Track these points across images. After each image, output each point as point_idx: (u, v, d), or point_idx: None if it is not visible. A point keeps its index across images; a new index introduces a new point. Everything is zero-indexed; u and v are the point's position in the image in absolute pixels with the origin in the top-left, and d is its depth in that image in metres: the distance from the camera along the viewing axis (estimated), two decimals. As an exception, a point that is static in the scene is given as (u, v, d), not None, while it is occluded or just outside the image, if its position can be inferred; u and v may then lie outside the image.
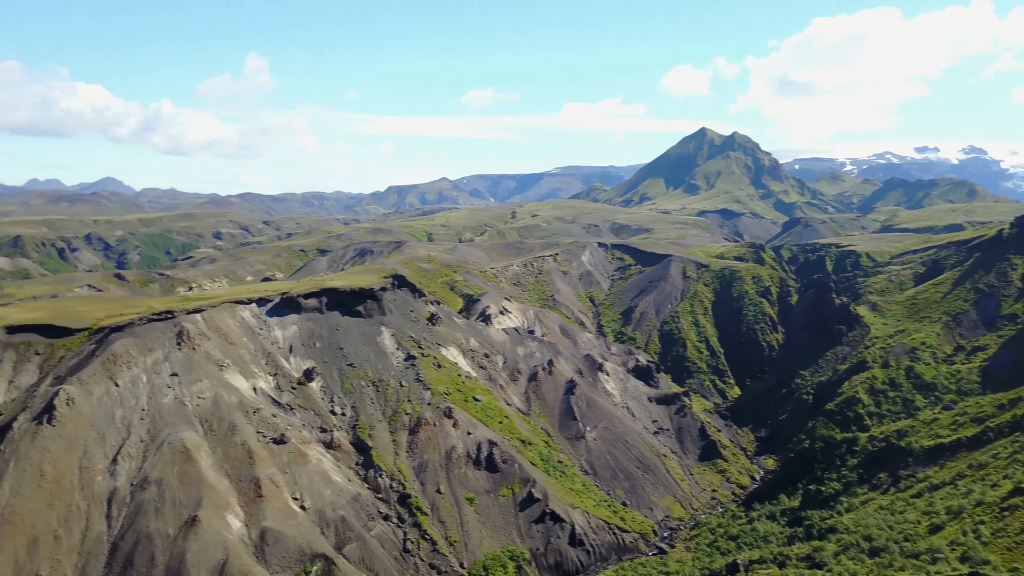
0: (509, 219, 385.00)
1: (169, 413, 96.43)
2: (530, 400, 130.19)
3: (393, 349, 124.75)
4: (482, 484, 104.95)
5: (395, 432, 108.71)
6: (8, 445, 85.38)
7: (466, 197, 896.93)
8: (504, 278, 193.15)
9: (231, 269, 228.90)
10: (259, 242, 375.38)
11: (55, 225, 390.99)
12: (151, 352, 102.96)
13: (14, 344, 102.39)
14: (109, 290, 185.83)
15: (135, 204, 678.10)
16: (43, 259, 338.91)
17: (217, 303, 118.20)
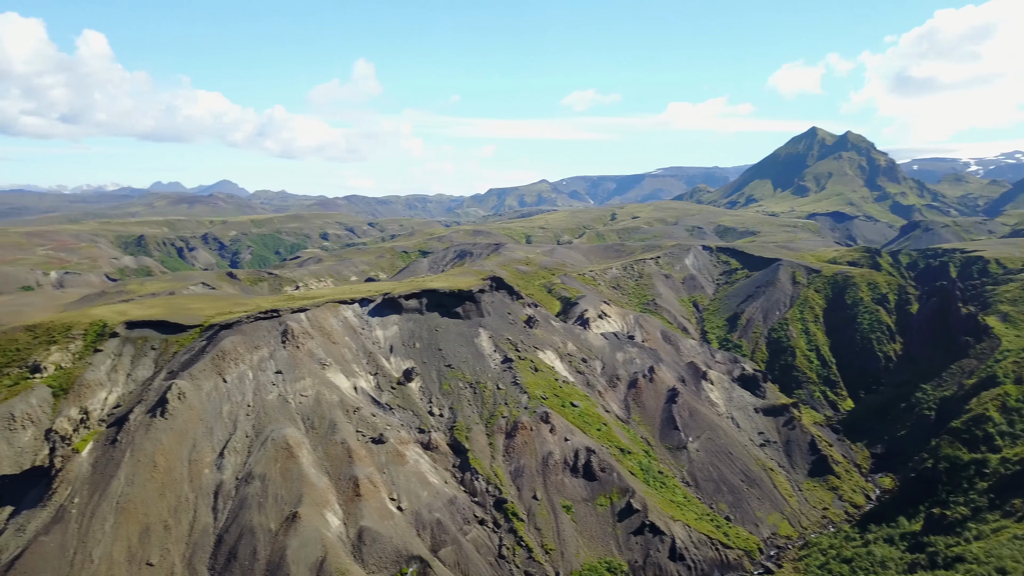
0: (609, 221, 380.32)
1: (273, 410, 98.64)
2: (629, 408, 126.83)
3: (491, 351, 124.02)
4: (579, 492, 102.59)
5: (492, 435, 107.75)
6: (125, 436, 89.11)
7: (565, 199, 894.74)
8: (603, 281, 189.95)
9: (336, 269, 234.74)
10: (364, 243, 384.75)
11: (175, 225, 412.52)
12: (257, 350, 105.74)
13: (132, 339, 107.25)
14: (222, 288, 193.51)
15: (248, 206, 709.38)
16: (164, 257, 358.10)
17: (321, 303, 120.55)
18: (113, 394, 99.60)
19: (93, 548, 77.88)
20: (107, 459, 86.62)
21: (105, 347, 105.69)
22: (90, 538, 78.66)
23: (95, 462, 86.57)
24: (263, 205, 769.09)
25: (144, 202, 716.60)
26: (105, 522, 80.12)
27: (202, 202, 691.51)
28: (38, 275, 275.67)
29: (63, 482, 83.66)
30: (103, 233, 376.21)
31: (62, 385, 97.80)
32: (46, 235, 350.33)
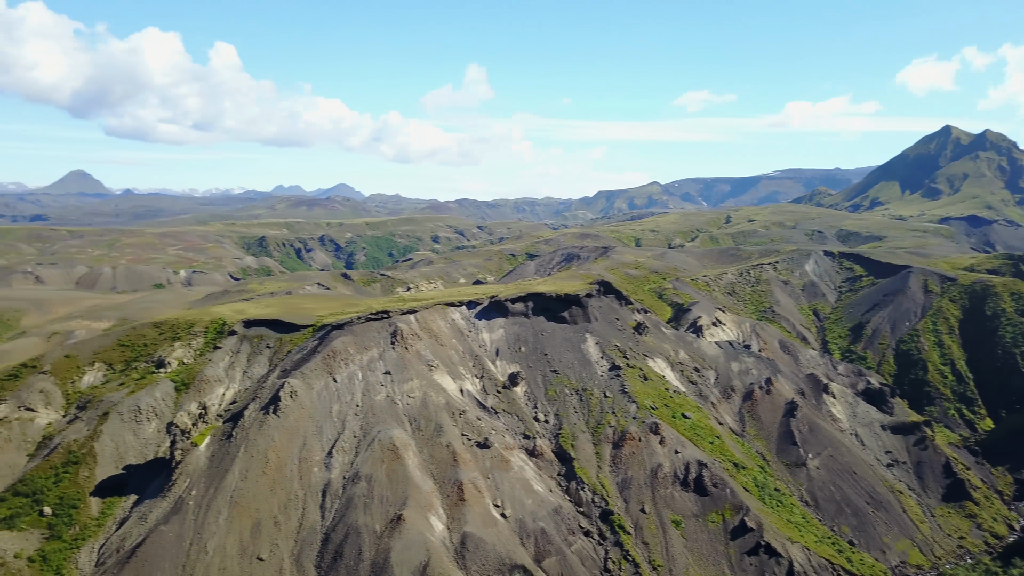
0: (723, 224, 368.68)
1: (381, 410, 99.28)
2: (744, 420, 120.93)
3: (598, 358, 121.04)
4: (689, 507, 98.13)
5: (598, 444, 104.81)
6: (240, 431, 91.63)
7: (676, 201, 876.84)
8: (717, 287, 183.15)
9: (446, 271, 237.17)
10: (473, 246, 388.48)
11: (295, 227, 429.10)
12: (367, 350, 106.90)
13: (249, 337, 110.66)
14: (336, 288, 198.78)
15: (364, 209, 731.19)
16: (283, 258, 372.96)
17: (429, 305, 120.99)
18: (230, 390, 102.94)
19: (208, 540, 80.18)
20: (223, 454, 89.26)
21: (224, 344, 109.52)
22: (205, 530, 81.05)
23: (212, 456, 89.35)
24: (378, 208, 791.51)
25: (266, 205, 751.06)
26: (219, 515, 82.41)
27: (320, 205, 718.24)
28: (169, 273, 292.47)
29: (182, 474, 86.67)
30: (228, 234, 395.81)
31: (184, 380, 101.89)
32: (177, 236, 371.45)
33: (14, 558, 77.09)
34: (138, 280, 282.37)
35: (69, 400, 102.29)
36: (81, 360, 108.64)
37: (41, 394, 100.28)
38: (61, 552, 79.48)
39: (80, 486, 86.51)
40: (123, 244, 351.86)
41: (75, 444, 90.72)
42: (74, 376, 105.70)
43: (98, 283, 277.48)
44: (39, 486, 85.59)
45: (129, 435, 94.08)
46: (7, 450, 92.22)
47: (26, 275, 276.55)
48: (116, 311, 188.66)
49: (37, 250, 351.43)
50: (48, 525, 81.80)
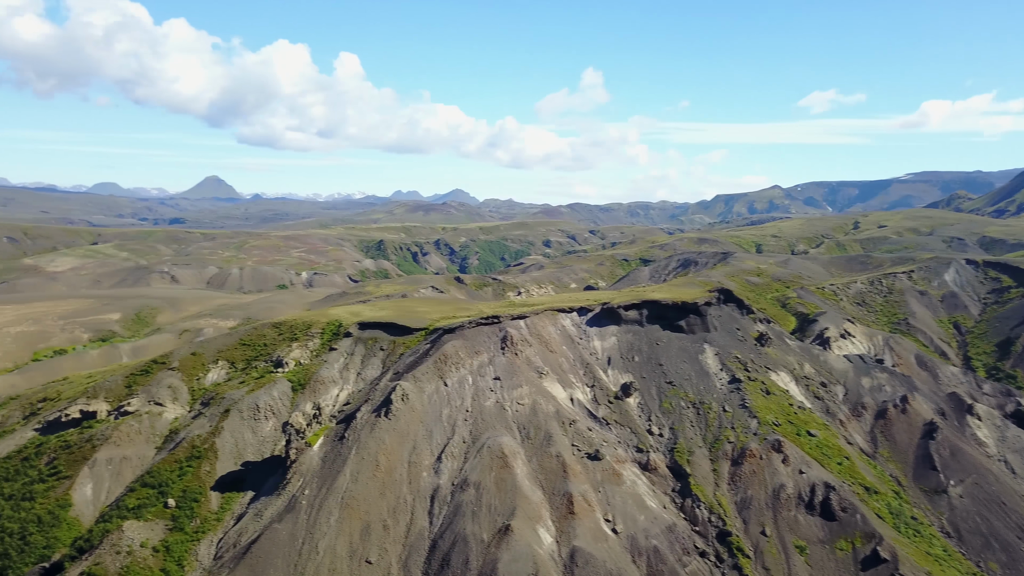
0: (851, 230, 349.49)
1: (490, 416, 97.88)
2: (876, 441, 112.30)
3: (716, 369, 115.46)
4: (815, 532, 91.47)
5: (716, 461, 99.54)
6: (352, 433, 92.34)
7: (799, 206, 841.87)
8: (845, 296, 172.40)
9: (556, 276, 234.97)
10: (584, 250, 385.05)
11: (412, 231, 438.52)
12: (477, 355, 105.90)
13: (364, 339, 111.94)
14: (449, 291, 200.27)
15: (478, 213, 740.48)
16: (400, 261, 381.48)
17: (540, 310, 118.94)
18: (344, 391, 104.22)
19: (319, 540, 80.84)
20: (335, 455, 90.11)
21: (339, 346, 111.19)
22: (317, 530, 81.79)
23: (324, 456, 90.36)
24: (491, 213, 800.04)
25: (385, 209, 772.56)
26: (331, 516, 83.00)
27: (436, 210, 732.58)
28: (292, 275, 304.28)
29: (296, 473, 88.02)
30: (348, 238, 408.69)
31: (300, 380, 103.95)
32: (300, 239, 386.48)
33: (140, 547, 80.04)
34: (263, 281, 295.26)
35: (194, 396, 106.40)
36: (206, 358, 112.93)
37: (169, 389, 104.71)
38: (182, 544, 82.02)
39: (202, 480, 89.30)
40: (251, 246, 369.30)
41: (198, 439, 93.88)
42: (199, 373, 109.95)
43: (227, 283, 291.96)
44: (164, 478, 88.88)
45: (248, 432, 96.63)
46: (137, 442, 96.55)
47: (163, 275, 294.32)
48: (241, 310, 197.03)
49: (174, 251, 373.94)
50: (172, 517, 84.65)
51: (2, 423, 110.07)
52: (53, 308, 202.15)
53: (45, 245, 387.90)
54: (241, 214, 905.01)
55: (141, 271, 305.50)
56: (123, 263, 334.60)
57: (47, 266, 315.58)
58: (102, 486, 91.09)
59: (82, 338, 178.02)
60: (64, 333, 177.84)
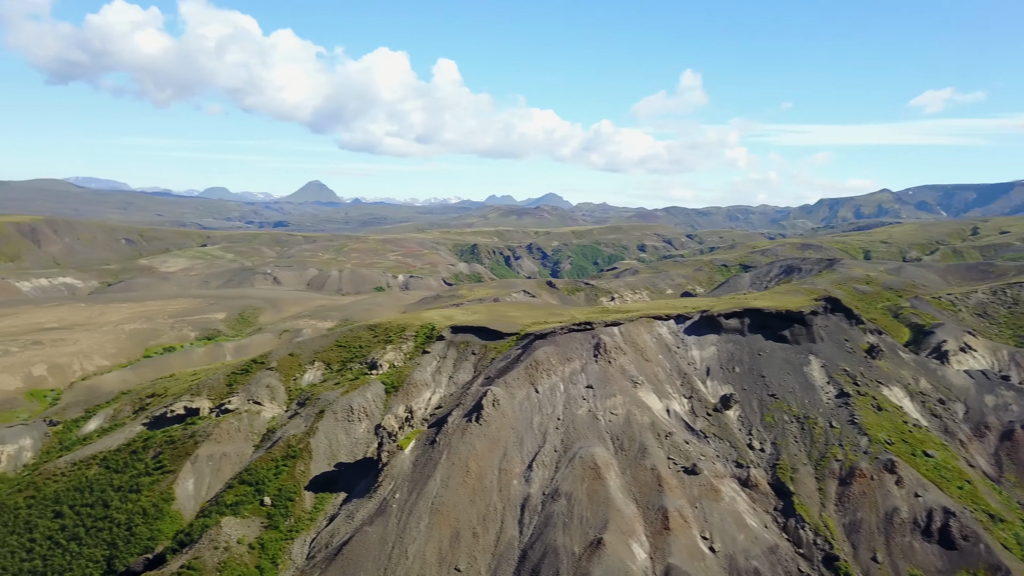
0: (968, 236, 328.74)
1: (582, 425, 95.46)
2: (1002, 464, 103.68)
3: (823, 383, 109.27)
4: (932, 561, 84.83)
5: (822, 480, 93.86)
6: (443, 438, 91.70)
7: (910, 210, 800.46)
8: (965, 307, 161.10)
9: (652, 281, 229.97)
10: (681, 255, 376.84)
11: (504, 235, 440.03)
12: (569, 362, 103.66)
13: (456, 343, 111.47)
14: (541, 296, 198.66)
15: (571, 217, 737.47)
16: (493, 265, 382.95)
17: (635, 317, 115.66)
18: (436, 395, 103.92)
19: (409, 545, 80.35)
20: (426, 459, 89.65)
21: (432, 349, 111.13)
22: (407, 535, 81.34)
23: (415, 460, 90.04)
24: (584, 217, 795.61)
25: (479, 214, 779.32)
26: (421, 521, 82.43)
27: (529, 214, 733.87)
28: (388, 278, 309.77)
29: (387, 476, 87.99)
30: (443, 241, 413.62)
31: (393, 383, 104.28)
32: (397, 242, 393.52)
33: (237, 543, 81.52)
34: (361, 283, 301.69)
35: (291, 396, 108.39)
36: (303, 359, 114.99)
37: (267, 389, 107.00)
38: (277, 542, 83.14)
39: (296, 480, 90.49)
40: (349, 249, 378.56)
41: (293, 439, 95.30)
42: (296, 373, 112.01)
43: (326, 285, 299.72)
44: (261, 476, 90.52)
45: (341, 434, 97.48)
46: (236, 439, 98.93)
47: (266, 276, 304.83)
48: (339, 312, 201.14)
49: (277, 253, 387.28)
50: (267, 515, 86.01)
51: (115, 416, 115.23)
52: (164, 307, 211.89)
53: (159, 246, 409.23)
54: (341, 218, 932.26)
55: (246, 272, 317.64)
56: (229, 264, 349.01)
57: (160, 266, 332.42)
58: (203, 481, 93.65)
59: (190, 336, 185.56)
60: (173, 331, 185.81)
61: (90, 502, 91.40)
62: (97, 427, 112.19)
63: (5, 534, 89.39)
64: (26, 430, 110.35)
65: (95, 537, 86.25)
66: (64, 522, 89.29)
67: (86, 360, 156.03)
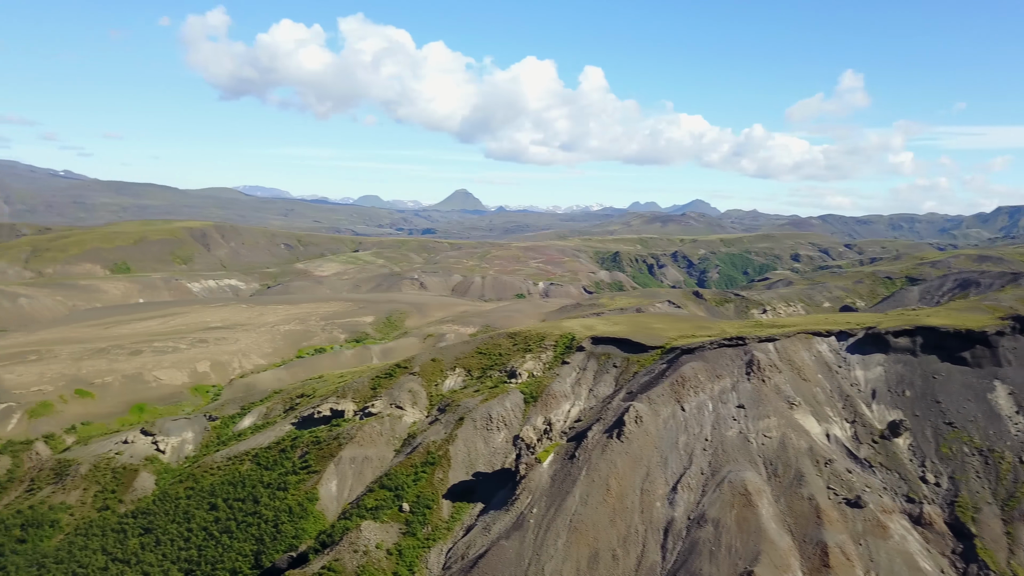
0: None
1: (732, 448, 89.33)
2: None
3: (1011, 412, 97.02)
4: None
5: (1011, 523, 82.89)
6: (582, 453, 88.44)
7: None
8: None
9: (807, 294, 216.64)
10: (839, 266, 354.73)
11: (648, 243, 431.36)
12: (719, 379, 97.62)
13: (597, 355, 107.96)
14: (687, 307, 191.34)
15: (718, 225, 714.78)
16: (635, 273, 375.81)
17: (791, 332, 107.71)
18: (575, 408, 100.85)
19: (546, 563, 77.60)
20: (564, 474, 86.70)
21: (572, 360, 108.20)
22: (544, 552, 78.65)
23: (554, 475, 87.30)
24: (733, 224, 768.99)
25: (622, 221, 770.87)
26: (558, 538, 79.52)
27: (674, 221, 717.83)
28: (529, 284, 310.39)
29: (525, 490, 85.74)
30: (584, 249, 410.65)
31: (532, 393, 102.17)
32: (539, 250, 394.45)
33: (375, 548, 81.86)
34: (502, 289, 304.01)
35: (432, 401, 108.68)
36: (445, 365, 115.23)
37: (409, 394, 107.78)
38: (414, 549, 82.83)
39: (434, 487, 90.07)
40: (493, 256, 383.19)
41: (433, 445, 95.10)
42: (438, 379, 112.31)
43: (469, 291, 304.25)
44: (401, 482, 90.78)
45: (480, 442, 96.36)
46: (379, 443, 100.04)
47: (413, 281, 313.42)
48: (481, 318, 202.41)
49: (424, 259, 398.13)
50: (405, 521, 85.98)
51: (267, 414, 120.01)
52: (317, 309, 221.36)
53: (314, 252, 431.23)
54: (486, 225, 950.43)
55: (394, 277, 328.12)
56: (379, 269, 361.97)
57: (315, 270, 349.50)
58: (345, 483, 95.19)
59: (340, 338, 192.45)
60: (325, 333, 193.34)
61: (242, 497, 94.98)
62: (251, 424, 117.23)
63: (167, 522, 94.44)
64: (188, 424, 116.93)
65: (245, 531, 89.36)
66: (218, 514, 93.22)
67: (245, 358, 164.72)
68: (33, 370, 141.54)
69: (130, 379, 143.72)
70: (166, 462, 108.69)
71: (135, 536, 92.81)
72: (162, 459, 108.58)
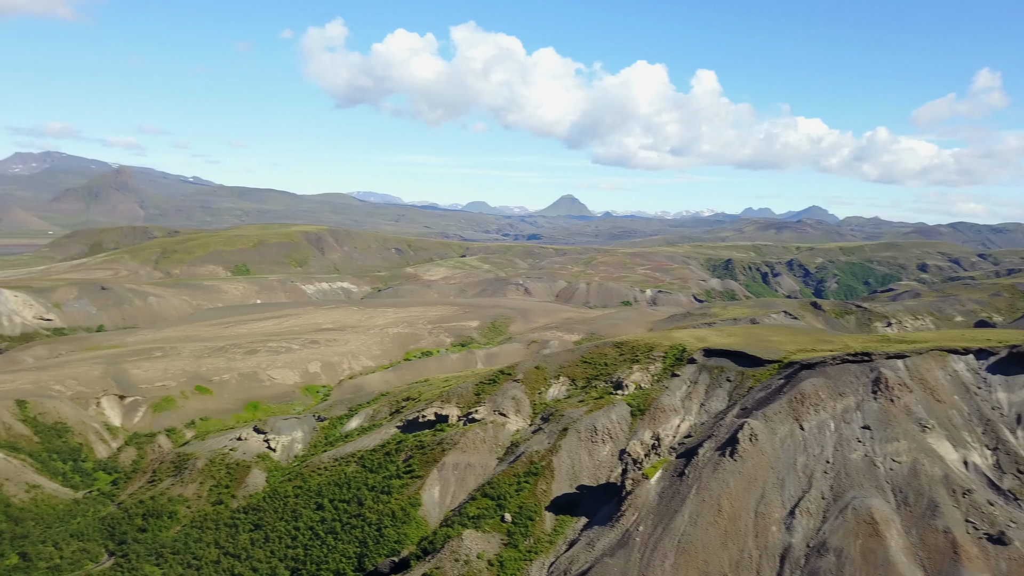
0: None
1: (856, 472, 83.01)
2: None
3: None
4: None
5: None
6: (693, 470, 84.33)
7: None
8: None
9: (937, 307, 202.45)
10: (971, 277, 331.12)
11: (762, 251, 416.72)
12: (842, 397, 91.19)
13: (709, 367, 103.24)
14: (804, 318, 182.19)
15: (837, 232, 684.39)
16: (748, 282, 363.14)
17: (923, 349, 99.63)
18: (685, 423, 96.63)
19: (652, 584, 74.18)
20: (673, 492, 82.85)
21: (682, 372, 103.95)
22: (650, 573, 75.16)
23: (662, 492, 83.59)
24: (853, 232, 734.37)
25: (734, 227, 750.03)
26: (665, 559, 75.87)
27: (790, 228, 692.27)
28: (636, 292, 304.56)
29: (631, 506, 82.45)
30: (694, 256, 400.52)
31: (639, 406, 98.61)
32: (646, 256, 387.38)
33: (476, 558, 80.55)
34: (608, 296, 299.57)
35: (535, 410, 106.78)
36: (548, 373, 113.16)
37: (513, 401, 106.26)
38: (515, 562, 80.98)
39: (537, 498, 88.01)
40: (598, 262, 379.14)
41: (536, 455, 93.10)
42: (541, 387, 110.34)
43: (574, 297, 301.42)
44: (503, 491, 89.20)
45: (584, 455, 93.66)
46: (481, 450, 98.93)
47: (517, 287, 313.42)
48: (585, 325, 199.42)
49: (529, 265, 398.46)
50: (507, 532, 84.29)
51: (373, 416, 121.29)
52: (424, 313, 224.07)
53: (424, 256, 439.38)
54: (591, 231, 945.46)
55: (499, 282, 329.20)
56: (485, 274, 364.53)
57: (423, 275, 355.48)
58: (448, 490, 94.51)
59: (445, 342, 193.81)
60: (431, 336, 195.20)
61: (347, 498, 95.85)
62: (358, 425, 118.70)
63: (275, 519, 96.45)
64: (298, 423, 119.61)
65: (349, 533, 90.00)
66: (324, 515, 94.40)
67: (354, 360, 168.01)
68: (158, 366, 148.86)
69: (246, 377, 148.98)
70: (276, 460, 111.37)
71: (246, 531, 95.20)
72: (273, 457, 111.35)
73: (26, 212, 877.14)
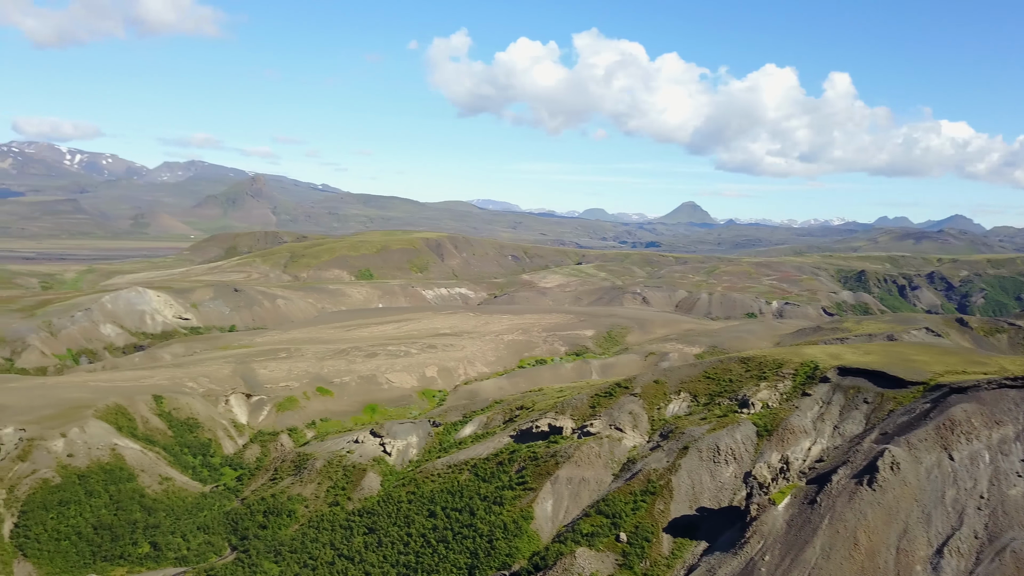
0: None
1: (1016, 510, 74.48)
2: None
3: None
4: None
5: None
6: (826, 499, 78.11)
7: None
8: None
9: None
10: None
11: (898, 262, 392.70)
12: (999, 426, 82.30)
13: (844, 387, 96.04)
14: (949, 336, 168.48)
15: (983, 243, 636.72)
16: (883, 295, 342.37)
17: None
18: (817, 446, 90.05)
19: (778, 620, 68.97)
20: (803, 520, 76.96)
21: (814, 392, 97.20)
22: (776, 607, 69.98)
23: (790, 520, 77.82)
24: (1002, 243, 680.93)
25: (867, 237, 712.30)
26: (794, 594, 70.40)
27: (929, 238, 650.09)
28: (761, 303, 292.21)
29: (756, 533, 77.19)
30: (824, 266, 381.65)
31: (766, 426, 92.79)
32: (772, 266, 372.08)
33: (589, 577, 77.58)
34: (731, 308, 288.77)
35: (653, 426, 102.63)
36: (668, 387, 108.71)
37: (630, 416, 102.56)
38: (630, 584, 77.44)
39: (654, 519, 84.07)
40: (721, 272, 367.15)
41: (654, 474, 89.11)
42: (660, 403, 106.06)
43: (695, 308, 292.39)
44: (618, 509, 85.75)
45: (706, 475, 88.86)
46: (596, 465, 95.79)
47: (635, 296, 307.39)
48: (707, 337, 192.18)
49: (647, 273, 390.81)
50: (622, 552, 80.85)
51: (487, 424, 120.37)
52: (539, 320, 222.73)
53: (539, 263, 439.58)
54: (713, 239, 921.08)
55: (616, 291, 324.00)
56: (601, 282, 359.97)
57: (539, 282, 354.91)
58: (561, 504, 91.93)
59: (560, 351, 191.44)
60: (546, 344, 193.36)
61: (459, 507, 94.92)
62: (471, 432, 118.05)
63: (389, 524, 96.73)
64: (414, 428, 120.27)
65: (460, 543, 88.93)
66: (436, 522, 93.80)
67: (469, 366, 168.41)
68: (283, 367, 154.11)
69: (365, 380, 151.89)
70: (391, 464, 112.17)
71: (360, 535, 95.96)
72: (387, 461, 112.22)
73: (171, 217, 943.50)
